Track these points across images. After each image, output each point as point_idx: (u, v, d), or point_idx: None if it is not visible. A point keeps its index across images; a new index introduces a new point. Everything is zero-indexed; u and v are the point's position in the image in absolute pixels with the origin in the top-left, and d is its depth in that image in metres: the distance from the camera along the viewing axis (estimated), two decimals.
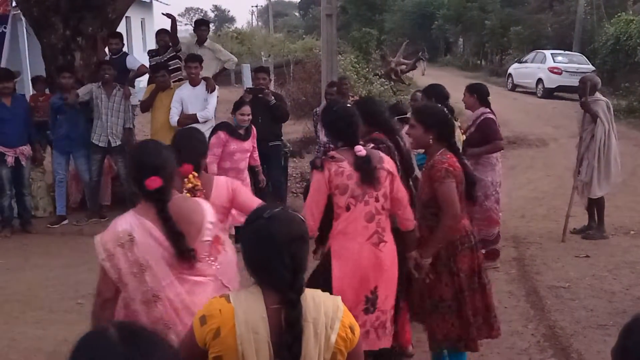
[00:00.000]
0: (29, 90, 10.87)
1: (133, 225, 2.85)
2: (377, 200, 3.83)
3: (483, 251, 6.73)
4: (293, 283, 2.12)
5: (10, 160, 7.81)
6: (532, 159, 12.79)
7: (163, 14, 9.63)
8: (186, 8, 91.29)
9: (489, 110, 6.61)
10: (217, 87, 8.36)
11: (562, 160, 11.53)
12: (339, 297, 2.28)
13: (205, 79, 8.19)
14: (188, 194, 3.51)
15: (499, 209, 6.71)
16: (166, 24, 9.56)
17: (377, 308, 3.83)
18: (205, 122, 8.05)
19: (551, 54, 23.49)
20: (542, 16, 31.71)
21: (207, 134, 8.08)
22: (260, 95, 7.88)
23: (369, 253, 3.79)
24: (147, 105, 8.38)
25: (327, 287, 3.80)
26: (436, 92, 6.02)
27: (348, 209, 3.78)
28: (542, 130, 15.78)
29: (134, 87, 9.53)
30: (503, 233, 7.72)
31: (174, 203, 2.92)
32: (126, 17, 12.06)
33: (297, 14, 73.37)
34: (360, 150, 3.84)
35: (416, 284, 4.11)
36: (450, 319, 3.97)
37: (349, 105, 4.34)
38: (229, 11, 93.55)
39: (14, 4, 9.67)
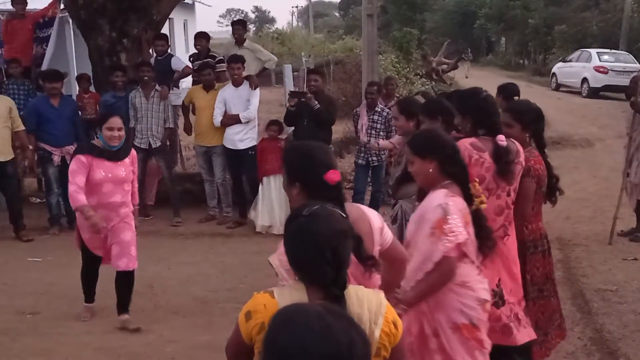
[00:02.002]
0: (76, 91, 11.11)
1: None
2: (508, 194, 3.70)
3: None
4: (336, 279, 2.12)
5: (56, 159, 7.98)
6: (577, 159, 12.55)
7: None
8: (227, 9, 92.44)
9: None
10: (258, 83, 8.40)
11: (608, 161, 11.30)
12: (382, 293, 2.27)
13: (248, 77, 8.25)
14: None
15: None
16: (207, 28, 9.65)
17: (506, 301, 3.70)
18: (248, 122, 8.12)
19: (597, 52, 23.03)
20: (588, 14, 31.11)
21: (251, 134, 8.23)
22: (303, 99, 7.86)
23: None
24: (186, 127, 8.88)
25: None
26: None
27: None
28: (588, 130, 15.48)
29: (178, 88, 9.67)
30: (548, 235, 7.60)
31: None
32: (169, 18, 12.22)
33: (337, 14, 73.38)
34: (503, 140, 3.66)
35: None
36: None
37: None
38: (269, 12, 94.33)
39: (62, 6, 9.88)
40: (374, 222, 2.76)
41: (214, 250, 7.48)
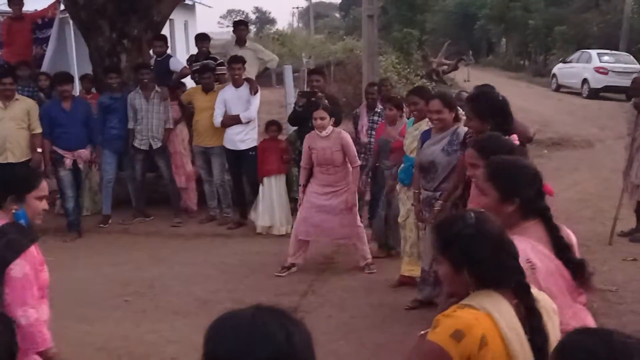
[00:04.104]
0: (76, 93, 11.12)
1: (527, 249, 2.48)
2: None
3: None
4: (521, 271, 2.14)
5: (68, 163, 7.94)
6: (578, 160, 12.56)
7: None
8: (228, 10, 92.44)
9: None
10: (259, 88, 8.41)
11: (609, 162, 11.30)
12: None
13: (248, 80, 8.25)
14: None
15: None
16: (208, 29, 9.66)
17: None
18: (248, 122, 8.12)
19: (597, 53, 23.04)
20: (588, 15, 31.13)
21: (252, 135, 8.22)
22: (313, 98, 7.84)
23: None
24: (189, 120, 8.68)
25: None
26: None
27: None
28: (588, 131, 15.49)
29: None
30: None
31: None
32: (169, 19, 12.24)
33: (337, 15, 73.47)
34: (517, 139, 3.81)
35: None
36: None
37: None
38: (270, 13, 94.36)
39: (62, 7, 9.89)
40: (574, 240, 2.70)
41: (214, 251, 7.48)
